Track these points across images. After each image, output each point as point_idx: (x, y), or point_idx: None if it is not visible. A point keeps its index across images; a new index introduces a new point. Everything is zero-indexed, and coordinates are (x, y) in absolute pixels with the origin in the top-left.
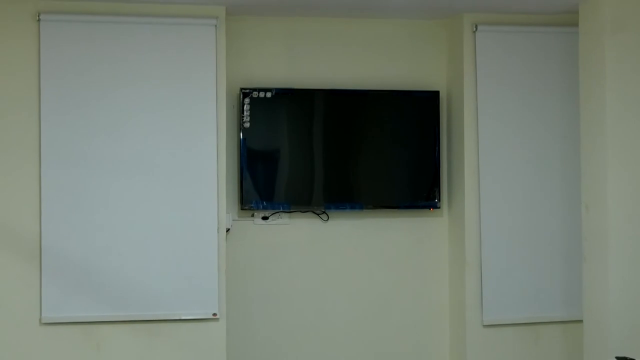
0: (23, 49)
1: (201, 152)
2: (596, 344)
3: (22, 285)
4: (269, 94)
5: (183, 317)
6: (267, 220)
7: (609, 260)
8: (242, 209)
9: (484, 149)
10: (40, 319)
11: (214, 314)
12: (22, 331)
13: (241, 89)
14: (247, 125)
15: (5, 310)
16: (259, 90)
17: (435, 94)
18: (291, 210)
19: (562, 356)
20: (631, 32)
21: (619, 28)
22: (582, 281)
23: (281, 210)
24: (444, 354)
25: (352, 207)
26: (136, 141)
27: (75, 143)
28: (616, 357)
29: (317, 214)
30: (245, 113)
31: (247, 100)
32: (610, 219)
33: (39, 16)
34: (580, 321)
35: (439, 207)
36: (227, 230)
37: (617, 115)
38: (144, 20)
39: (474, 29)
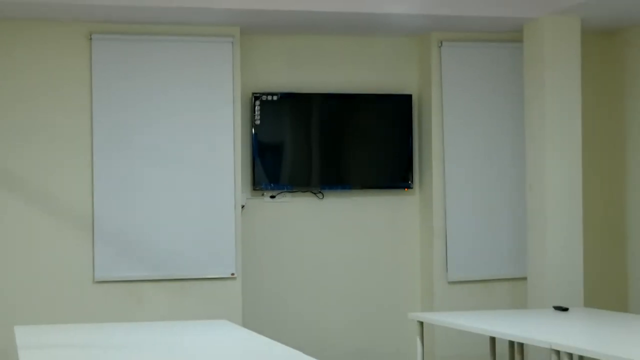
0: (78, 63)
1: (221, 144)
2: (537, 296)
3: (78, 251)
4: (275, 97)
5: (207, 276)
6: (274, 199)
7: (547, 229)
8: (254, 189)
9: (448, 141)
10: (93, 279)
11: (232, 274)
12: (79, 289)
13: (253, 93)
14: (257, 122)
15: (65, 271)
16: (267, 94)
17: (409, 97)
18: (293, 190)
19: (510, 306)
20: (565, 46)
21: (555, 44)
22: (526, 246)
23: (285, 190)
24: (416, 305)
25: (343, 188)
26: (169, 135)
27: (120, 137)
28: (553, 307)
29: (314, 193)
30: (256, 113)
31: (257, 102)
32: (549, 196)
33: (90, 36)
34: (525, 278)
35: (412, 187)
36: (242, 206)
37: (554, 114)
38: (175, 39)
39: (440, 44)
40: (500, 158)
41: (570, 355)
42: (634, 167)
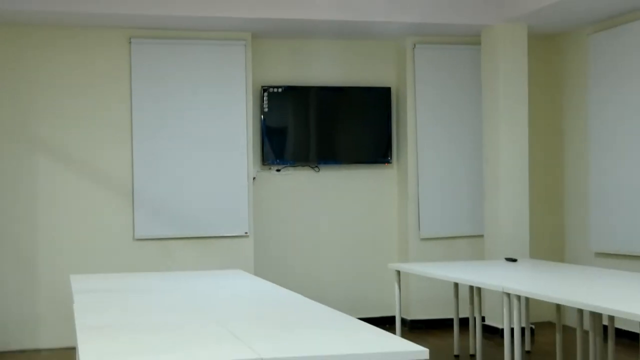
0: (120, 62)
1: (236, 127)
2: (492, 249)
3: (121, 214)
4: (280, 90)
5: (225, 235)
6: (279, 172)
7: (499, 195)
8: (263, 164)
9: (420, 125)
10: (133, 237)
11: (246, 233)
12: (121, 245)
13: (262, 86)
14: (266, 110)
15: (110, 231)
16: (274, 87)
17: (388, 90)
18: (295, 165)
19: (470, 258)
20: (514, 48)
21: (507, 46)
22: (483, 209)
23: (288, 165)
24: (394, 257)
25: (335, 163)
26: (194, 120)
27: (155, 122)
28: (505, 258)
29: (312, 167)
30: (264, 102)
31: (265, 93)
32: (501, 168)
33: (130, 40)
34: (482, 235)
35: (391, 162)
36: (254, 178)
37: (505, 103)
38: (199, 42)
39: (413, 47)
40: (462, 138)
41: (519, 297)
42: (569, 145)
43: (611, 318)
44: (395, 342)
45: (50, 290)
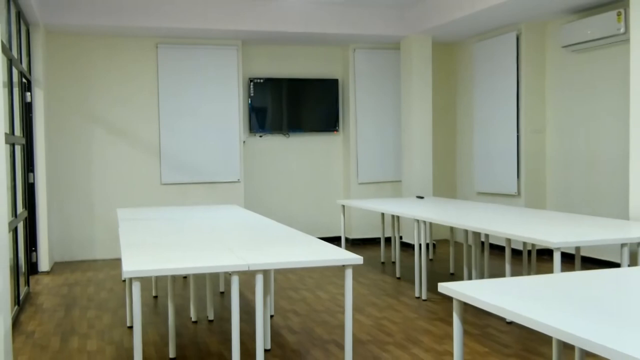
0: (149, 62)
1: (231, 107)
2: (407, 190)
3: (151, 167)
4: (262, 80)
5: (224, 181)
6: (262, 137)
7: (412, 153)
8: (250, 132)
9: (358, 105)
10: (160, 182)
11: (238, 179)
12: (151, 188)
13: (249, 78)
14: (252, 94)
15: (144, 178)
16: (257, 79)
17: (337, 80)
18: (272, 132)
19: (392, 196)
20: (422, 53)
21: (417, 51)
22: (401, 162)
23: (267, 132)
24: (340, 196)
25: (300, 131)
26: (203, 102)
27: (174, 105)
28: (416, 196)
29: (284, 134)
30: (251, 89)
31: (251, 83)
32: (413, 134)
33: (157, 46)
34: (400, 180)
35: (338, 131)
36: (244, 142)
37: (416, 91)
38: (206, 47)
39: (354, 50)
40: (387, 114)
41: (425, 222)
42: (460, 119)
43: (486, 236)
44: (341, 252)
45: (102, 219)
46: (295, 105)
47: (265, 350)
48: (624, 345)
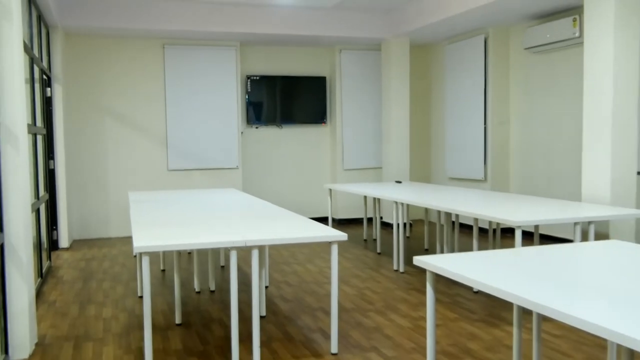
0: (157, 60)
1: (231, 101)
2: (387, 176)
3: (159, 155)
4: (258, 78)
5: (224, 167)
6: (258, 129)
7: (391, 142)
8: (247, 124)
9: (344, 100)
10: (167, 168)
11: (237, 166)
12: (159, 174)
13: (247, 75)
14: (249, 90)
15: (153, 165)
16: (254, 76)
17: (325, 78)
18: (267, 124)
19: (374, 181)
20: (401, 54)
21: (396, 52)
22: (382, 151)
23: (263, 124)
24: (327, 180)
25: (292, 123)
26: (205, 96)
27: (179, 98)
28: (395, 181)
29: (277, 126)
30: (248, 85)
31: (249, 80)
32: (392, 126)
33: (164, 46)
34: (381, 167)
35: (326, 123)
36: (242, 132)
37: (395, 88)
38: (208, 47)
39: (340, 51)
40: (369, 108)
41: (402, 204)
42: (434, 112)
43: (457, 216)
44: (328, 230)
45: (116, 201)
46: (287, 100)
47: (261, 317)
48: (575, 309)
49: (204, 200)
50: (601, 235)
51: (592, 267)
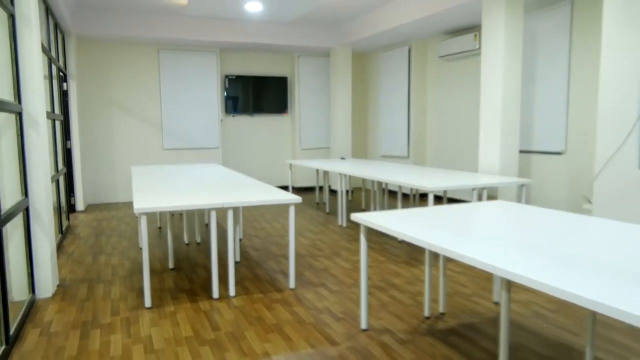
0: (153, 63)
1: (212, 95)
2: (333, 153)
3: (155, 137)
4: (234, 77)
5: (207, 147)
6: (234, 117)
7: (337, 128)
8: (225, 113)
9: (301, 94)
10: (162, 147)
11: (217, 146)
12: (155, 152)
13: (225, 75)
14: (227, 87)
15: (150, 145)
16: (231, 76)
17: (286, 78)
18: (241, 114)
19: (324, 158)
20: (345, 61)
21: (341, 59)
22: (330, 135)
23: (238, 114)
24: (289, 157)
25: (260, 112)
26: (192, 91)
27: (172, 94)
28: (340, 157)
29: (250, 115)
30: (226, 83)
31: (227, 79)
32: (338, 116)
33: (159, 51)
34: (329, 147)
35: (287, 113)
36: (222, 120)
37: (340, 88)
38: (194, 52)
39: (298, 57)
40: (320, 102)
41: (345, 175)
42: (370, 108)
43: (386, 184)
44: (288, 195)
45: (121, 173)
46: (257, 95)
47: (236, 262)
48: (469, 251)
49: (192, 172)
50: (492, 198)
51: (483, 220)
